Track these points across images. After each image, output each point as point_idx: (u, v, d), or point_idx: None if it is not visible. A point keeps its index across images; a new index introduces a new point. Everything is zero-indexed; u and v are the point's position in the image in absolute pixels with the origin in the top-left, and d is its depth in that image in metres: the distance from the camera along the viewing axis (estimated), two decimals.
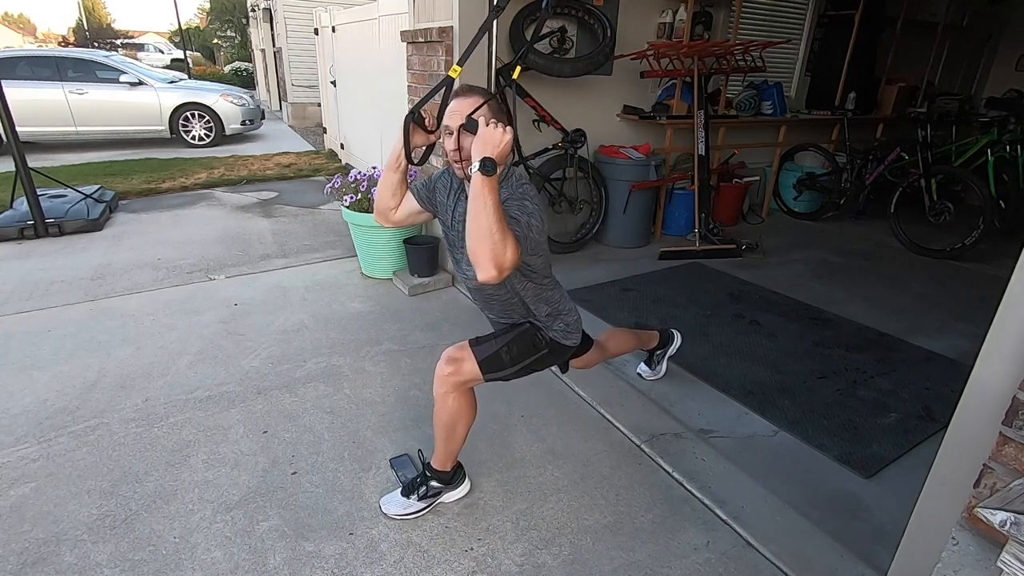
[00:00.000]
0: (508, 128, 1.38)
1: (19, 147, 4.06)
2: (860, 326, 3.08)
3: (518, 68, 1.47)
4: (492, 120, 1.39)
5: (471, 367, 1.58)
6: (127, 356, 2.62)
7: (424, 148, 1.64)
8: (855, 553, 1.64)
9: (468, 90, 1.48)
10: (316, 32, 7.17)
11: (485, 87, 1.52)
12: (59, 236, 4.23)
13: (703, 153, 4.11)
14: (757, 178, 4.94)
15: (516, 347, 1.64)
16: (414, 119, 1.56)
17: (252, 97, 9.40)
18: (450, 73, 1.54)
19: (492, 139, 1.35)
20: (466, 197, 1.58)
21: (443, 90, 1.56)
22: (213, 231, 4.45)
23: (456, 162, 1.50)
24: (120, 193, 5.33)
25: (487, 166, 1.32)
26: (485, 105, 1.45)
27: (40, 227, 4.16)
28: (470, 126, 1.40)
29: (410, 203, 1.70)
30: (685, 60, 4.01)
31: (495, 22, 3.10)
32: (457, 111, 1.45)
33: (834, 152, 5.05)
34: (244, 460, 1.98)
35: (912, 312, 3.30)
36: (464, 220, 1.59)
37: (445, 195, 1.66)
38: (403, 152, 1.59)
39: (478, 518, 1.76)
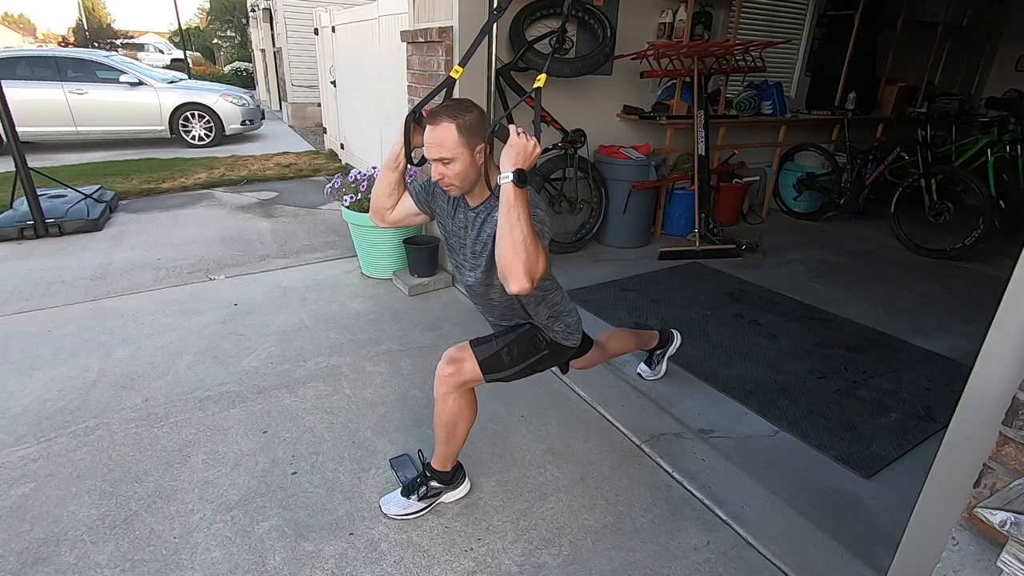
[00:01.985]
0: (533, 138, 1.35)
1: (19, 147, 4.06)
2: (860, 326, 3.08)
3: (544, 76, 1.41)
4: (521, 129, 1.35)
5: (472, 367, 1.58)
6: (127, 356, 2.62)
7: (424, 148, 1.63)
8: (855, 553, 1.64)
9: (435, 116, 1.41)
10: (316, 32, 7.17)
11: (461, 100, 1.47)
12: (59, 236, 4.23)
13: (703, 153, 4.11)
14: (757, 178, 4.94)
15: (517, 348, 1.64)
16: (415, 119, 1.54)
17: (252, 97, 9.40)
18: (451, 74, 1.54)
19: (524, 149, 1.32)
20: (465, 204, 1.58)
21: (444, 91, 1.56)
22: (213, 231, 4.45)
23: (447, 187, 1.49)
24: (120, 193, 5.33)
25: (520, 177, 1.29)
26: (472, 118, 1.41)
27: (40, 227, 4.16)
28: (500, 134, 1.34)
29: (407, 204, 1.68)
30: (685, 60, 4.01)
31: (495, 23, 3.11)
32: (434, 143, 1.40)
33: (834, 152, 5.05)
34: (244, 460, 1.98)
35: (912, 312, 3.30)
36: (464, 227, 1.59)
37: (444, 201, 1.64)
38: (403, 152, 1.58)
39: (478, 518, 1.76)
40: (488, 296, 1.63)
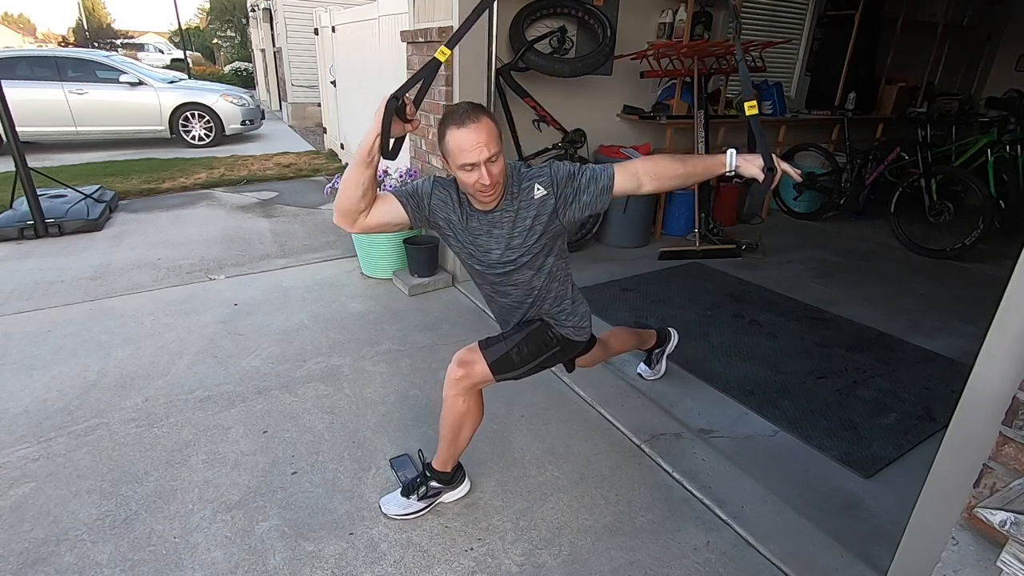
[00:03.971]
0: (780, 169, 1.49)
1: (19, 147, 4.06)
2: (860, 326, 3.08)
3: (754, 103, 1.50)
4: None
5: (482, 369, 1.57)
6: (127, 356, 2.62)
7: (395, 140, 1.41)
8: (855, 553, 1.64)
9: (473, 115, 1.35)
10: (316, 32, 7.18)
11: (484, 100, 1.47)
12: (59, 236, 4.23)
13: (703, 153, 4.11)
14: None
15: (527, 347, 1.63)
16: (398, 106, 1.32)
17: (252, 97, 9.40)
18: (436, 55, 1.39)
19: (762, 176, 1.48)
20: (474, 210, 1.54)
21: (428, 75, 1.44)
22: (213, 231, 4.45)
23: (490, 190, 1.41)
24: (120, 193, 5.33)
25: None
26: (493, 123, 1.40)
27: (40, 227, 4.16)
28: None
29: (392, 209, 1.48)
30: (685, 60, 4.01)
31: (495, 21, 3.10)
32: (483, 142, 1.34)
33: (834, 152, 5.05)
34: (244, 460, 1.98)
35: (912, 312, 3.30)
36: (486, 231, 1.53)
37: (449, 211, 1.54)
38: (378, 143, 1.34)
39: (478, 518, 1.76)
40: (531, 283, 1.60)
